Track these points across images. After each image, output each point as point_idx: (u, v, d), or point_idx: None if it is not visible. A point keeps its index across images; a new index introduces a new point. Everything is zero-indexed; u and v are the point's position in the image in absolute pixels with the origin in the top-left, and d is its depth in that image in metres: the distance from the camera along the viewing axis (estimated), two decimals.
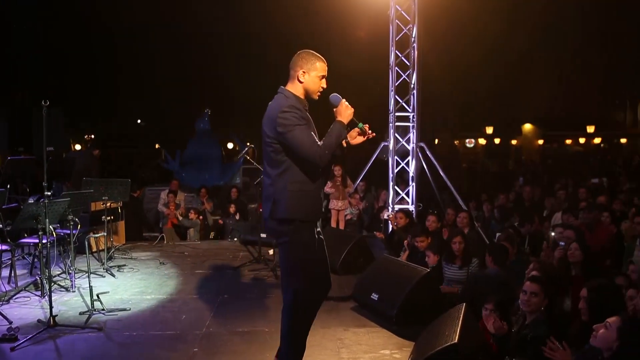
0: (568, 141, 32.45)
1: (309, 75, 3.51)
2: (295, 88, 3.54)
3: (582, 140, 32.13)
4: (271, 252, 7.37)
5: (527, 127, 32.53)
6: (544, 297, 4.06)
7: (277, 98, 3.56)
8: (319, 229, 3.61)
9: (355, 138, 3.66)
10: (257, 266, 7.24)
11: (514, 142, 33.09)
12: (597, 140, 32.34)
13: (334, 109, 3.55)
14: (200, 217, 10.81)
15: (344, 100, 3.55)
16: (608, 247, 6.82)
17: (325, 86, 3.60)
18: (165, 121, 31.82)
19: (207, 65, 22.09)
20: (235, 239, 9.56)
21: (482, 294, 4.95)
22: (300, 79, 3.52)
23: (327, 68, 3.58)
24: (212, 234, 10.74)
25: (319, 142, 3.39)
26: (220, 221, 10.84)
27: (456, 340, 3.31)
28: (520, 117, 31.50)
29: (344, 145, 3.63)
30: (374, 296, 5.32)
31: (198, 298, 5.97)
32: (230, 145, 28.12)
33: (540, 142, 32.36)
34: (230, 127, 24.71)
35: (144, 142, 33.85)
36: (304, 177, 3.45)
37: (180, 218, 10.57)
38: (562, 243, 5.91)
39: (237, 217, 10.64)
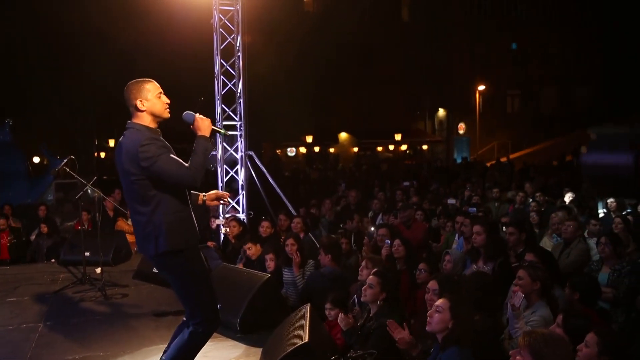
0: (379, 148, 35.27)
1: (147, 100, 3.44)
2: (142, 119, 3.45)
3: (391, 147, 35.17)
4: (98, 270, 6.82)
5: (343, 135, 34.64)
6: (380, 290, 4.37)
7: (128, 134, 3.42)
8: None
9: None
10: (82, 287, 6.63)
11: (331, 150, 34.97)
12: (403, 147, 35.65)
13: (191, 127, 3.50)
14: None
15: (197, 114, 3.51)
16: (423, 242, 7.57)
17: (168, 100, 3.53)
18: None
19: (7, 70, 19.71)
20: (53, 260, 8.67)
21: (319, 293, 5.18)
22: (141, 108, 3.43)
23: (157, 84, 3.52)
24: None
25: (185, 165, 3.32)
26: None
27: (307, 339, 3.39)
28: (336, 126, 33.43)
29: None
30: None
31: (14, 329, 5.28)
32: (36, 159, 25.48)
33: (355, 149, 34.67)
34: (36, 139, 22.41)
35: None
36: (177, 205, 3.42)
37: None
38: (388, 241, 6.41)
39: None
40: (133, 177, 3.35)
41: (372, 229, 7.55)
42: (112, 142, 31.17)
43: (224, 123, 9.91)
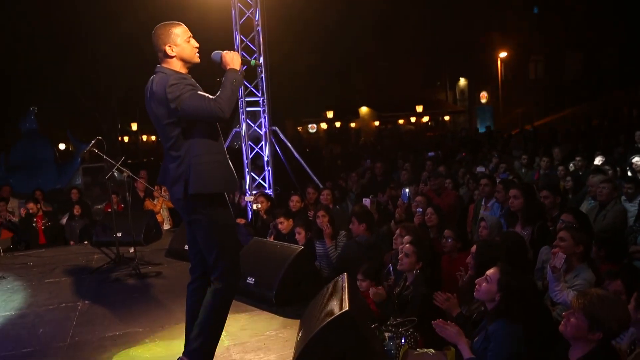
0: (401, 121, 34.95)
1: (176, 45, 3.35)
2: (172, 65, 3.37)
3: (413, 119, 34.80)
4: (131, 250, 6.89)
5: (364, 110, 34.39)
6: (417, 259, 4.31)
7: (157, 78, 3.33)
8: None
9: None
10: (117, 267, 6.72)
11: (352, 124, 34.79)
12: (425, 119, 35.26)
13: (221, 65, 3.39)
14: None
15: (224, 52, 3.40)
16: (453, 210, 7.48)
17: (197, 44, 3.43)
18: None
19: (29, 59, 19.85)
20: (86, 242, 8.80)
21: (355, 262, 5.15)
22: (171, 54, 3.35)
23: (185, 27, 3.42)
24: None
25: (213, 97, 3.20)
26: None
27: (347, 308, 3.35)
28: (357, 100, 33.18)
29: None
30: (250, 280, 5.23)
31: (54, 309, 5.37)
32: (62, 146, 25.83)
33: (377, 123, 34.41)
34: (61, 125, 22.68)
35: None
36: (209, 148, 3.34)
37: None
38: (420, 209, 6.35)
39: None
40: (165, 121, 3.31)
41: (407, 190, 7.53)
42: (134, 126, 31.42)
43: (246, 99, 9.87)
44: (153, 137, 36.82)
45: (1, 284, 6.35)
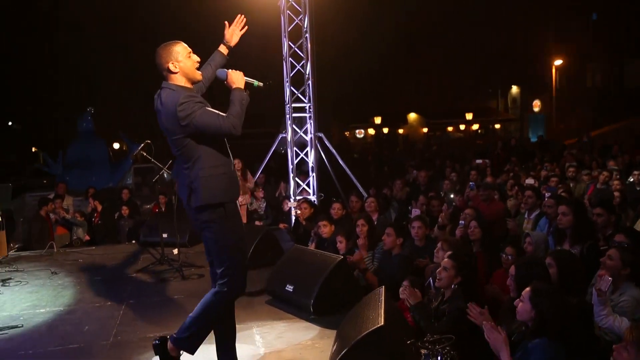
0: (450, 128, 34.44)
1: (178, 61, 3.50)
2: (176, 80, 3.53)
3: (462, 127, 34.23)
4: (175, 251, 7.03)
5: (412, 116, 34.07)
6: (455, 274, 4.22)
7: (165, 95, 3.48)
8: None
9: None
10: (160, 267, 6.86)
11: (400, 130, 34.52)
12: (475, 127, 34.62)
13: (225, 83, 3.57)
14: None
15: (229, 70, 3.58)
16: (499, 222, 7.28)
17: (198, 59, 3.60)
18: (42, 123, 29.57)
19: (83, 61, 20.69)
20: (134, 241, 9.05)
21: (391, 274, 5.09)
22: (174, 70, 3.51)
23: (185, 44, 3.58)
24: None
25: (223, 114, 3.38)
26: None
27: (382, 323, 3.32)
28: (405, 107, 32.92)
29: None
30: (289, 287, 5.24)
31: (100, 307, 5.55)
32: (116, 145, 26.67)
33: (425, 130, 34.03)
34: (115, 126, 23.45)
35: (19, 146, 31.25)
36: (216, 161, 3.50)
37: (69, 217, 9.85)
38: (462, 222, 6.22)
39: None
40: (174, 136, 3.45)
41: (452, 195, 7.43)
42: None
43: (293, 105, 9.94)
44: None
45: (53, 280, 6.61)
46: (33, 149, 32.53)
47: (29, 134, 32.28)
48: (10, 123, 34.54)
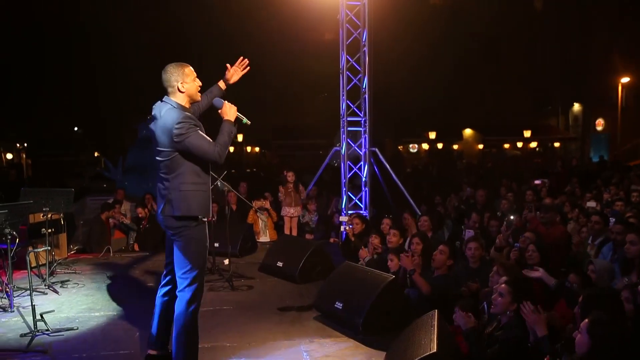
0: (506, 145, 33.53)
1: (187, 83, 3.83)
2: (180, 99, 3.84)
3: (519, 144, 33.25)
4: (226, 262, 7.08)
5: (468, 132, 33.42)
6: (512, 300, 4.04)
7: (166, 110, 3.75)
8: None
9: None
10: (211, 277, 6.93)
11: (455, 146, 33.91)
12: (533, 145, 33.57)
13: (219, 111, 3.95)
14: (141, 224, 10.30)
15: (225, 102, 3.97)
16: (560, 247, 6.96)
17: (200, 83, 3.94)
18: (104, 128, 30.73)
19: (147, 70, 21.44)
20: None
21: (445, 296, 4.93)
22: (182, 90, 3.83)
23: (192, 68, 3.91)
24: None
25: (212, 142, 3.74)
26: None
27: (435, 350, 3.20)
28: (461, 122, 32.35)
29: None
30: (338, 305, 5.17)
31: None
32: None
33: (480, 146, 33.28)
34: None
35: (82, 149, 32.61)
36: (196, 178, 3.81)
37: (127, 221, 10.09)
38: (518, 244, 5.98)
39: None
40: (164, 148, 3.73)
41: (512, 217, 7.18)
42: (240, 137, 32.59)
43: (348, 119, 9.90)
44: (257, 149, 38.06)
45: (107, 284, 6.77)
46: (95, 154, 33.84)
47: (92, 139, 33.62)
48: (75, 128, 36.10)
